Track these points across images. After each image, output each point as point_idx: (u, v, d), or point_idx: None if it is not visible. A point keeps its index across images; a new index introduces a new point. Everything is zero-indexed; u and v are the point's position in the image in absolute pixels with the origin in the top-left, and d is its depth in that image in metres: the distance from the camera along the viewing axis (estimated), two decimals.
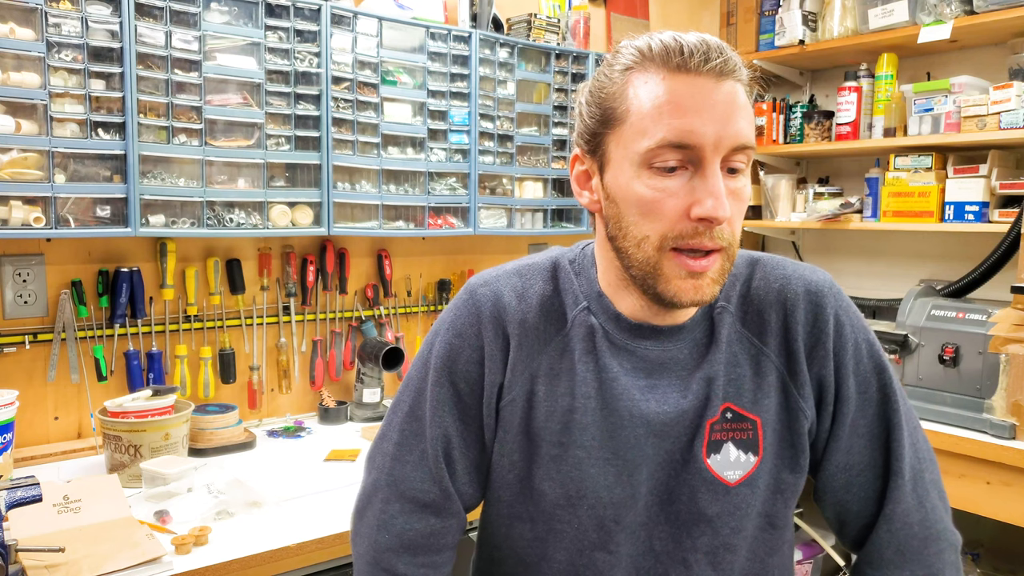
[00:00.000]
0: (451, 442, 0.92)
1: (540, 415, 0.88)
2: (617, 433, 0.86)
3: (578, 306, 0.90)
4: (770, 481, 0.88)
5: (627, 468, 0.86)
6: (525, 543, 0.93)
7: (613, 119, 0.81)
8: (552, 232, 2.47)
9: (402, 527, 0.92)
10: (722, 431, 0.86)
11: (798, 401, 0.88)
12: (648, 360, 0.87)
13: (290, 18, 1.87)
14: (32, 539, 1.26)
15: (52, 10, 1.57)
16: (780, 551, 0.93)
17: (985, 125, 2.24)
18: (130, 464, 1.62)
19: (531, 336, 0.89)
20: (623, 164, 0.80)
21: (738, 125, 0.77)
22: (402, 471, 0.93)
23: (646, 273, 0.81)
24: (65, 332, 1.79)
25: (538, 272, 0.93)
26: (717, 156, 0.77)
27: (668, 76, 0.77)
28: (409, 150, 2.14)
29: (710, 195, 0.76)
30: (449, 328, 0.93)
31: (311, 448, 1.94)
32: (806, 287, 0.89)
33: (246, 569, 1.32)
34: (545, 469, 0.88)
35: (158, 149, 1.71)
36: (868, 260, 2.90)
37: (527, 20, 2.38)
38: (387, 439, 0.96)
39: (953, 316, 2.03)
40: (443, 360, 0.92)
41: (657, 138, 0.76)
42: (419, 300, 2.42)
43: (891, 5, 2.47)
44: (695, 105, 0.76)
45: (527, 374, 0.89)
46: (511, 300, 0.90)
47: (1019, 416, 1.85)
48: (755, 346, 0.88)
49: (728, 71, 0.77)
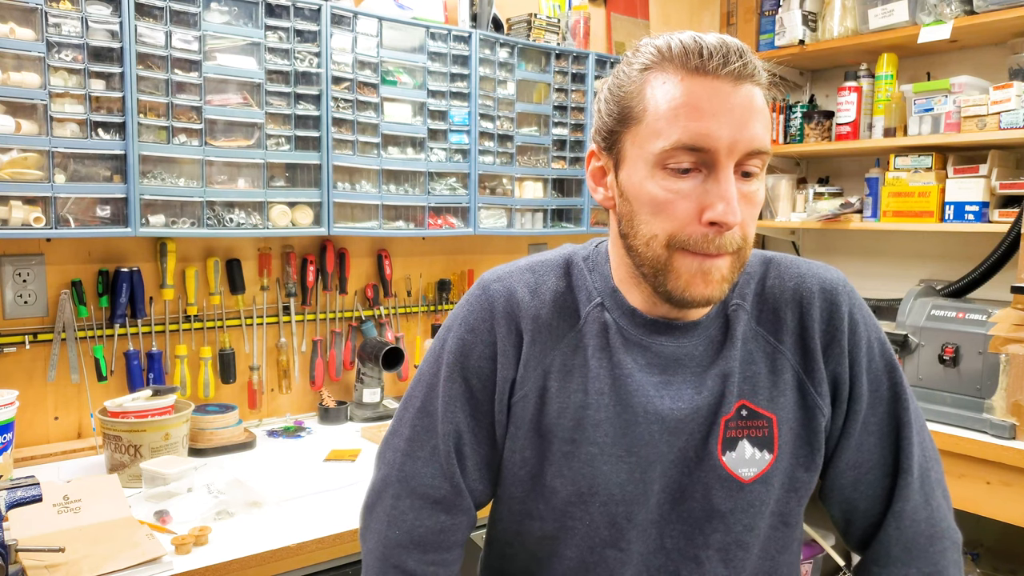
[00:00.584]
0: (462, 438, 0.92)
1: (552, 411, 0.88)
2: (630, 430, 0.86)
3: (592, 302, 0.90)
4: (785, 480, 0.88)
5: (640, 465, 0.86)
6: (536, 540, 0.93)
7: (630, 118, 0.81)
8: (552, 232, 2.47)
9: (412, 523, 0.92)
10: (737, 428, 0.86)
11: (815, 398, 0.88)
12: (663, 356, 0.87)
13: (290, 18, 1.87)
14: (32, 539, 1.26)
15: (52, 10, 1.57)
16: (790, 549, 0.93)
17: (985, 125, 2.24)
18: (130, 464, 1.62)
19: (544, 332, 0.89)
20: (638, 163, 0.81)
21: (754, 130, 0.77)
22: (413, 467, 0.93)
23: (656, 270, 0.82)
24: (65, 332, 1.79)
25: (551, 268, 0.93)
26: (731, 160, 0.77)
27: (686, 77, 0.77)
28: (409, 150, 2.14)
29: (721, 199, 0.76)
30: (462, 324, 0.92)
31: (311, 448, 1.94)
32: (821, 285, 0.89)
33: (246, 569, 1.32)
34: (557, 466, 0.88)
35: (158, 149, 1.71)
36: (868, 260, 2.90)
37: (527, 20, 2.38)
38: (398, 435, 0.96)
39: (953, 316, 2.03)
40: (455, 356, 0.91)
41: (672, 140, 0.77)
42: (419, 300, 2.42)
43: (891, 5, 2.47)
44: (711, 108, 0.76)
45: (540, 370, 0.88)
46: (524, 296, 0.90)
47: (1019, 416, 1.85)
48: (771, 344, 0.88)
49: (747, 75, 0.78)
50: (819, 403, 0.88)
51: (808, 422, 0.88)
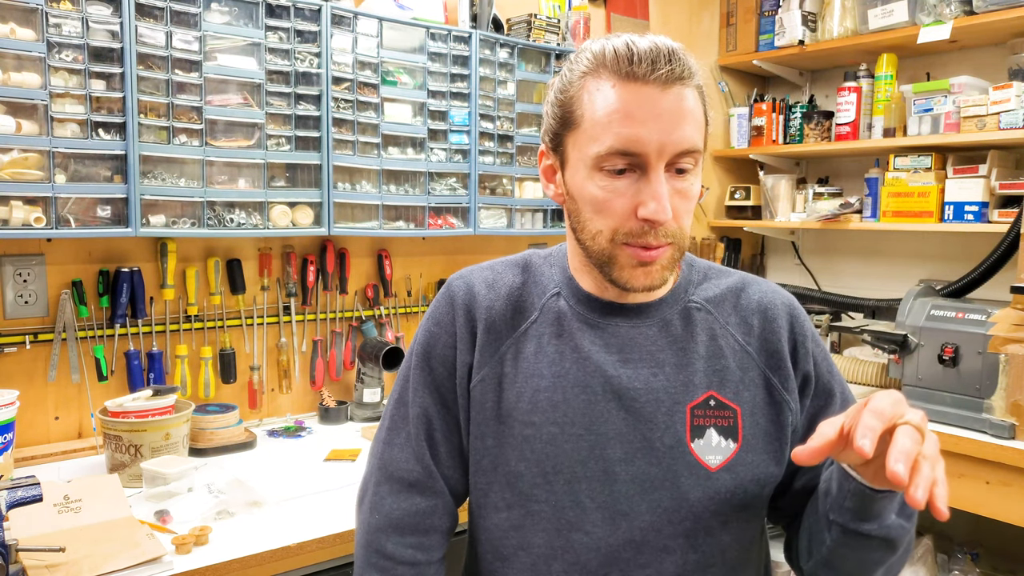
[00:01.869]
0: (432, 423, 0.98)
1: (511, 397, 0.93)
2: (590, 409, 0.91)
3: (547, 294, 0.98)
4: (754, 473, 0.92)
5: (600, 442, 0.90)
6: (501, 533, 0.95)
7: (571, 122, 0.88)
8: (552, 232, 2.47)
9: (390, 507, 0.98)
10: (705, 416, 0.92)
11: (783, 394, 0.94)
12: (618, 336, 0.94)
13: (290, 18, 1.87)
14: (32, 539, 1.27)
15: (52, 10, 1.57)
16: (757, 541, 0.98)
17: (985, 125, 2.24)
18: (130, 464, 1.62)
19: (498, 322, 0.96)
20: (578, 165, 0.88)
21: (682, 132, 0.83)
22: (390, 453, 1.00)
23: (602, 262, 0.89)
24: (66, 332, 1.80)
25: (509, 266, 1.02)
26: (661, 162, 0.83)
27: (618, 83, 0.83)
28: (409, 150, 2.14)
29: (652, 198, 0.83)
30: (429, 318, 1.02)
31: (311, 448, 1.94)
32: (783, 300, 0.99)
33: (246, 569, 1.32)
34: (519, 450, 0.92)
35: (158, 149, 1.71)
36: (868, 260, 2.90)
37: (527, 20, 2.38)
38: (381, 427, 1.04)
39: (953, 316, 2.03)
40: (423, 347, 1.00)
41: (606, 145, 0.83)
42: (419, 300, 2.42)
43: (891, 5, 2.48)
44: (641, 114, 0.82)
45: (496, 357, 0.95)
46: (481, 289, 0.98)
47: (1018, 416, 1.85)
48: (739, 344, 0.95)
49: (675, 78, 0.82)
50: (787, 399, 0.94)
51: (776, 417, 0.94)
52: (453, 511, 1.02)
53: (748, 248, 3.22)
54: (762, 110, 2.89)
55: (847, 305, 2.70)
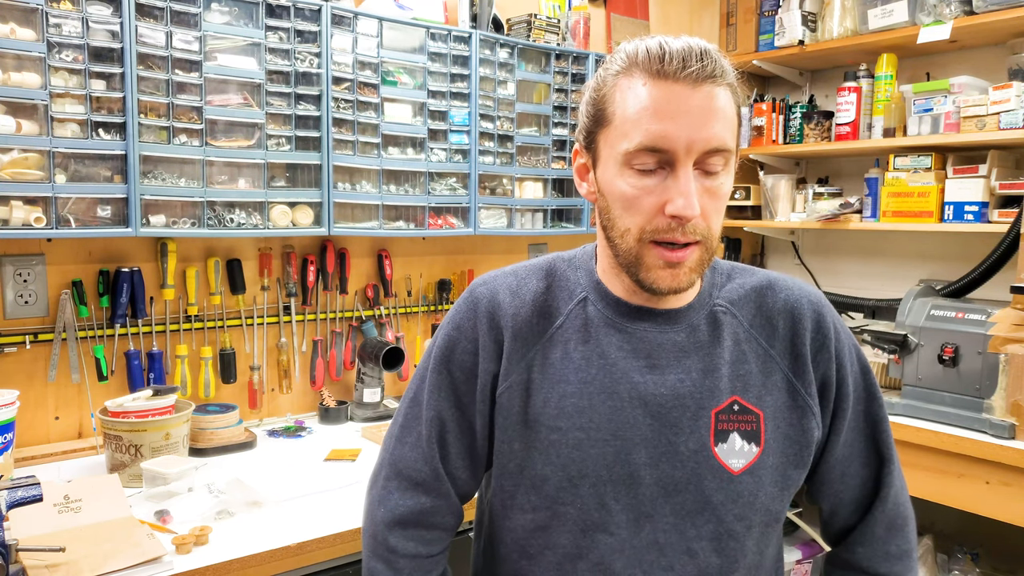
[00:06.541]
0: (445, 425, 0.99)
1: (538, 402, 0.93)
2: (616, 415, 0.91)
3: (574, 299, 0.97)
4: (776, 476, 0.93)
5: (625, 447, 0.91)
6: (527, 533, 0.96)
7: (603, 120, 0.89)
8: (552, 232, 2.47)
9: (396, 503, 1.00)
10: (729, 421, 0.92)
11: (805, 399, 0.94)
12: (646, 341, 0.93)
13: (290, 18, 1.88)
14: (33, 539, 1.27)
15: (53, 10, 1.57)
16: (775, 544, 0.99)
17: (984, 125, 2.24)
18: (131, 464, 1.62)
19: (525, 329, 0.96)
20: (609, 162, 0.88)
21: (711, 130, 0.83)
22: (401, 451, 1.01)
23: (629, 262, 0.89)
24: (66, 332, 1.80)
25: (533, 272, 1.00)
26: (689, 159, 0.83)
27: (649, 82, 0.84)
28: (409, 150, 2.14)
29: (680, 195, 0.83)
30: (450, 322, 1.01)
31: (311, 448, 1.94)
32: (809, 299, 0.98)
33: (246, 569, 1.32)
34: (546, 454, 0.92)
35: (159, 149, 1.71)
36: (868, 260, 2.90)
37: (527, 20, 2.38)
38: (394, 423, 1.05)
39: (953, 316, 2.03)
40: (442, 350, 1.00)
41: (636, 142, 0.84)
42: (419, 300, 2.42)
43: (891, 5, 2.48)
44: (670, 112, 0.82)
45: (522, 364, 0.95)
46: (505, 297, 0.98)
47: (1018, 416, 1.85)
48: (763, 348, 0.95)
49: (706, 76, 0.83)
50: (809, 403, 0.95)
51: (798, 421, 0.94)
52: (458, 511, 1.03)
53: (748, 248, 3.22)
54: (762, 110, 2.89)
55: (847, 305, 2.71)
